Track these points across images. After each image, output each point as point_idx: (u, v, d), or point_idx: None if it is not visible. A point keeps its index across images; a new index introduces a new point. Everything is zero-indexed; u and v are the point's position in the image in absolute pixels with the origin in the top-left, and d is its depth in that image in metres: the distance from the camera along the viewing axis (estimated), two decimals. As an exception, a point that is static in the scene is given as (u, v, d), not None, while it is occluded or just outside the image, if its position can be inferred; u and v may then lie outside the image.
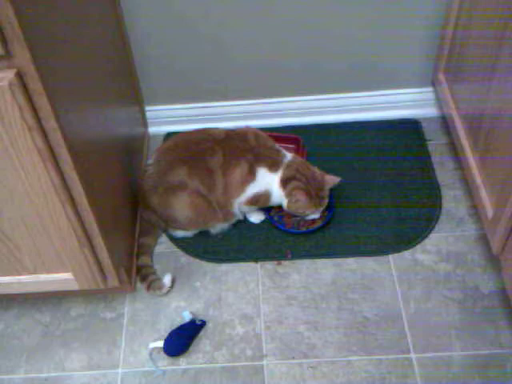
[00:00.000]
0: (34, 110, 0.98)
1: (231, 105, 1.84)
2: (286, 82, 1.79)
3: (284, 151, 1.56)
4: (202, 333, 1.42)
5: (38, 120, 0.99)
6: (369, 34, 1.66)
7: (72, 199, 1.14)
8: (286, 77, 1.77)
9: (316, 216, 1.57)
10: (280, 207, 1.58)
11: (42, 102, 0.97)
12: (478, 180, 1.40)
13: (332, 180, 1.54)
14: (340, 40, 1.67)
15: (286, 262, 1.55)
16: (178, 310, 1.47)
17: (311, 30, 1.65)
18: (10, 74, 0.92)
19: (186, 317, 1.43)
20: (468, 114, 1.49)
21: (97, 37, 1.39)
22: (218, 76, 1.77)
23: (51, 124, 1.00)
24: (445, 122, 1.75)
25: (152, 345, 1.39)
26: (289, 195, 1.50)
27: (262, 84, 1.79)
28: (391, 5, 1.59)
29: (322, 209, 1.56)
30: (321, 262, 1.54)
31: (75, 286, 1.34)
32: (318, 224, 1.58)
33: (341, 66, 1.74)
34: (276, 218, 1.62)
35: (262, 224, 1.63)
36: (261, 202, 1.54)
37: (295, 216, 1.58)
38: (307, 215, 1.55)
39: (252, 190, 1.51)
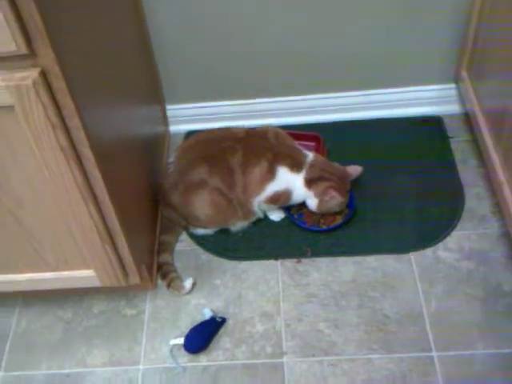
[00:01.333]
0: (58, 109, 0.99)
1: (251, 103, 1.83)
2: (306, 79, 1.78)
3: (304, 150, 1.55)
4: (222, 330, 1.43)
5: (62, 118, 1.00)
6: (391, 31, 1.65)
7: (94, 197, 1.15)
8: (305, 74, 1.77)
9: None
10: (301, 205, 1.58)
11: (66, 101, 0.98)
12: (502, 177, 1.38)
13: (355, 171, 1.56)
14: (362, 37, 1.66)
15: (305, 260, 1.55)
16: (199, 308, 1.47)
17: (332, 27, 1.64)
18: (34, 73, 0.93)
19: (207, 314, 1.44)
20: (491, 111, 1.48)
21: (118, 36, 1.40)
22: (239, 75, 1.77)
23: (75, 122, 1.01)
24: (467, 119, 1.73)
25: (173, 341, 1.40)
26: (321, 195, 1.50)
27: (283, 82, 1.79)
28: (414, 1, 1.57)
29: (346, 202, 1.57)
30: (341, 260, 1.53)
31: (97, 283, 1.36)
32: (339, 221, 1.58)
33: (362, 63, 1.73)
34: (296, 216, 1.62)
35: (282, 222, 1.63)
36: (281, 200, 1.54)
37: (323, 214, 1.58)
38: (336, 210, 1.57)
39: (272, 188, 1.50)
